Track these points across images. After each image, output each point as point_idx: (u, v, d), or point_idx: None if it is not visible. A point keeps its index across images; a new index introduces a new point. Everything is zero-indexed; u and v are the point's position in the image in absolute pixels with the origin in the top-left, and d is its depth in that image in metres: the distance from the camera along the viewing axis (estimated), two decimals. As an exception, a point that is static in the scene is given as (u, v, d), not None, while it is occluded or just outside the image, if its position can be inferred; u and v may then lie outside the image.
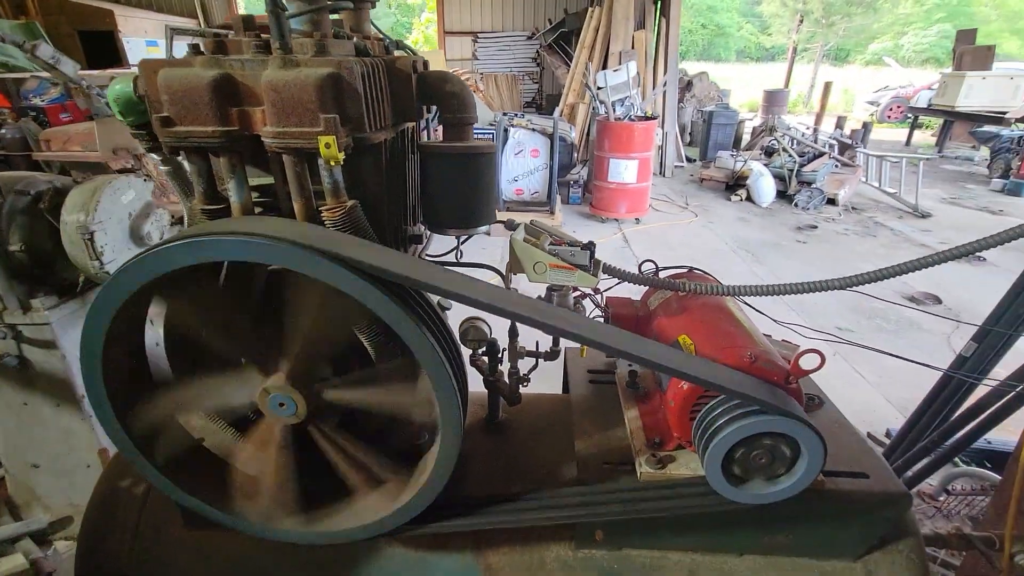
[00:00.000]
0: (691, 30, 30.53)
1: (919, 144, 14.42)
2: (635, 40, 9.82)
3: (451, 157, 1.10)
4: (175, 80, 0.84)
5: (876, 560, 1.23)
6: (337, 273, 0.81)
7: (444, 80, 1.07)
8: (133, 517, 1.39)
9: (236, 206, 0.95)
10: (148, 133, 1.18)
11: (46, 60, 2.19)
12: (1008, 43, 22.49)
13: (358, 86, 0.87)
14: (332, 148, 0.84)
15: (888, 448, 2.57)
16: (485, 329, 1.46)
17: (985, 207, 8.95)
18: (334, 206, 0.93)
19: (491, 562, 1.30)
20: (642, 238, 7.26)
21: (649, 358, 0.95)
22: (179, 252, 0.81)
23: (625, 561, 1.27)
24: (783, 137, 9.21)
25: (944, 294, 5.53)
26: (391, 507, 1.09)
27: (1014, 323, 1.79)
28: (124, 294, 0.84)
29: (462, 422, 0.96)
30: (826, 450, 0.99)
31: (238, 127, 0.88)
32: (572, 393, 1.54)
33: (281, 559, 1.34)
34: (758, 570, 1.25)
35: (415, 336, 0.86)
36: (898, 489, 1.17)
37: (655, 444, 1.22)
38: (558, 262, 1.12)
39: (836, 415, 1.43)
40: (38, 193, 2.15)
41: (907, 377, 3.90)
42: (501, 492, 1.25)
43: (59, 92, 6.36)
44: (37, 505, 2.61)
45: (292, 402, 0.99)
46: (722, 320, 1.24)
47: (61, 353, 2.28)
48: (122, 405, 0.99)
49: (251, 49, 0.89)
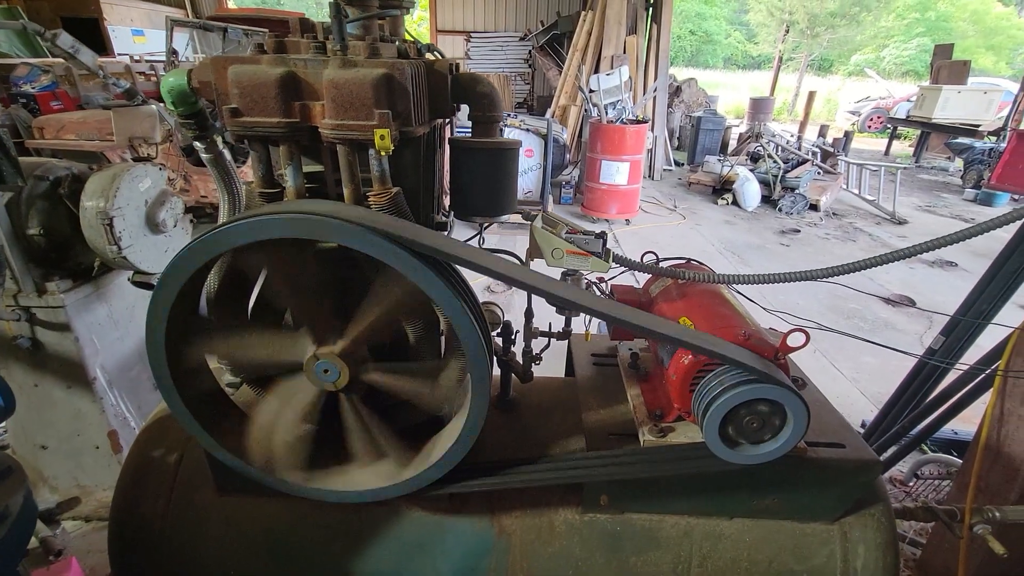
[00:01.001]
0: (680, 36, 30.96)
1: (897, 154, 14.89)
2: (627, 45, 10.02)
3: (482, 152, 1.22)
4: (245, 76, 0.95)
5: (851, 522, 1.38)
6: (396, 252, 0.91)
7: (476, 82, 1.18)
8: (167, 484, 1.47)
9: (291, 190, 1.05)
10: (196, 123, 1.28)
11: (66, 49, 2.24)
12: (983, 58, 23.27)
13: (408, 85, 0.98)
14: (386, 139, 0.95)
15: (863, 435, 2.74)
16: (499, 313, 1.58)
17: (958, 215, 9.32)
18: (380, 192, 1.04)
19: (504, 524, 1.41)
20: (632, 238, 7.44)
21: (667, 332, 1.07)
22: (274, 225, 0.89)
23: (627, 524, 1.40)
24: (768, 144, 9.49)
25: (918, 296, 5.79)
26: (419, 467, 1.19)
27: (979, 316, 1.96)
28: (209, 255, 0.93)
29: (489, 378, 1.07)
30: (810, 415, 1.13)
31: (299, 119, 0.99)
32: (577, 374, 1.66)
33: (307, 523, 1.44)
34: (746, 531, 1.39)
35: (455, 306, 0.97)
36: (870, 457, 1.31)
37: (656, 416, 1.35)
38: (574, 248, 1.24)
39: (818, 395, 1.57)
40: (57, 179, 2.21)
41: (881, 373, 4.12)
42: (515, 457, 1.37)
43: (50, 80, 6.29)
44: (44, 486, 2.65)
45: (336, 371, 1.09)
46: (718, 304, 1.37)
47: (74, 336, 2.33)
48: (176, 359, 1.07)
49: (310, 50, 1.00)
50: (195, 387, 1.16)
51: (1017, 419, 1.84)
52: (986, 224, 1.13)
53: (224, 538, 1.45)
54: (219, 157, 1.38)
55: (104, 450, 2.54)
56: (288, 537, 1.44)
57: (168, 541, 1.44)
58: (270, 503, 1.42)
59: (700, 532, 1.39)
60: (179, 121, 1.29)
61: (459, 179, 1.26)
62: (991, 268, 2.06)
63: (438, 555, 1.40)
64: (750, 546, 1.38)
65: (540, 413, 1.61)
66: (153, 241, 2.37)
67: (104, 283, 2.45)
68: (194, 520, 1.45)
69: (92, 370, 2.40)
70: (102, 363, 2.44)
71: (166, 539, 1.44)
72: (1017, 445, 1.84)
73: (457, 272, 1.06)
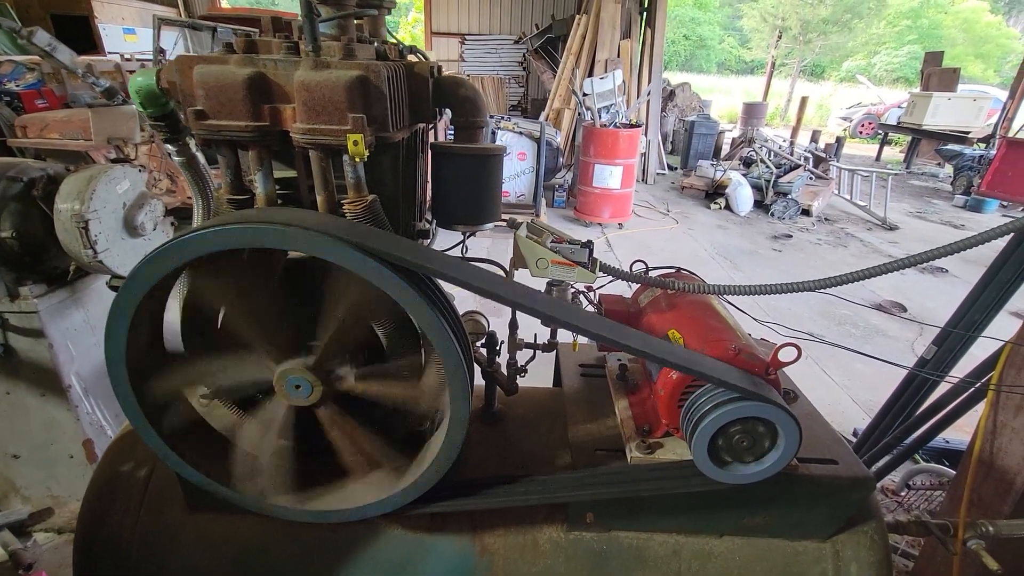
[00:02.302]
0: (674, 41, 31.13)
1: (888, 160, 15.01)
2: (621, 49, 10.03)
3: (464, 158, 1.17)
4: (211, 76, 0.90)
5: (843, 540, 1.34)
6: (368, 264, 0.86)
7: (459, 85, 1.14)
8: (135, 499, 1.41)
9: (261, 197, 1.00)
10: (167, 125, 1.23)
11: (42, 47, 2.18)
12: (972, 66, 23.57)
13: (384, 88, 0.94)
14: (359, 145, 0.90)
15: (855, 446, 2.72)
16: (483, 323, 1.53)
17: (948, 221, 9.40)
18: (356, 199, 0.99)
19: (487, 543, 1.37)
20: (625, 243, 7.42)
21: (649, 351, 1.03)
22: (231, 235, 0.84)
23: (613, 542, 1.35)
24: (761, 149, 9.52)
25: (909, 303, 5.81)
26: (399, 486, 1.14)
27: (970, 327, 1.94)
28: (165, 270, 0.88)
29: (470, 394, 1.02)
30: (801, 433, 1.09)
31: (269, 123, 0.94)
32: (564, 385, 1.62)
33: (282, 542, 1.38)
34: (736, 550, 1.35)
35: (433, 323, 0.93)
36: (863, 473, 1.28)
37: (644, 431, 1.31)
38: (559, 259, 1.20)
39: (809, 408, 1.54)
40: (31, 180, 2.14)
41: (873, 381, 4.11)
42: (498, 474, 1.32)
43: (36, 78, 6.19)
44: (16, 496, 2.57)
45: (308, 385, 1.04)
46: (708, 316, 1.34)
47: (48, 342, 2.26)
48: (138, 376, 1.02)
49: (281, 50, 0.95)
50: (162, 411, 1.11)
51: (1011, 432, 1.81)
52: (979, 236, 1.10)
53: (195, 556, 1.39)
54: (192, 160, 1.33)
55: (79, 459, 2.47)
56: (262, 556, 1.38)
57: (136, 558, 1.38)
58: (243, 520, 1.37)
59: (689, 550, 1.35)
60: (150, 123, 1.24)
61: (441, 186, 1.21)
62: (983, 278, 2.04)
63: (419, 575, 1.35)
64: (740, 565, 1.34)
65: (525, 426, 1.57)
66: (131, 245, 2.30)
67: (80, 288, 2.38)
68: (164, 537, 1.39)
69: (67, 377, 2.32)
70: (77, 370, 2.37)
71: (134, 556, 1.38)
72: (1010, 458, 1.82)
73: (433, 283, 1.01)
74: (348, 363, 1.11)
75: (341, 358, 1.07)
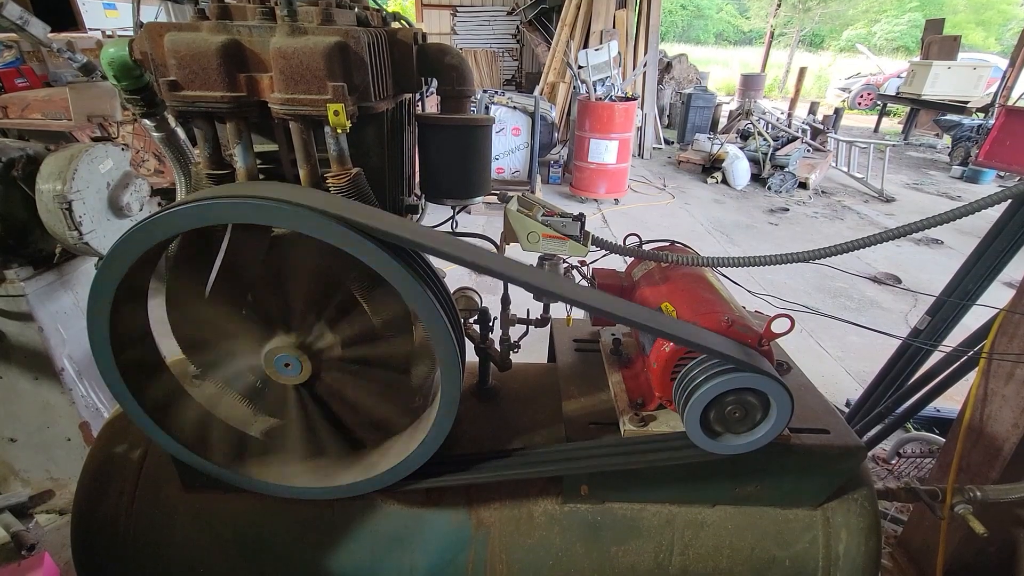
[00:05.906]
0: (671, 11, 30.39)
1: (887, 131, 14.87)
2: (616, 19, 9.79)
3: (450, 129, 1.14)
4: (183, 44, 0.86)
5: (833, 507, 1.36)
6: (352, 238, 0.84)
7: (444, 53, 1.09)
8: (130, 481, 1.41)
9: (241, 171, 0.97)
10: (143, 99, 1.18)
11: (13, 20, 2.10)
12: (973, 34, 23.14)
13: (364, 56, 0.90)
14: (340, 116, 0.87)
15: (848, 415, 2.75)
16: (476, 299, 1.51)
17: (945, 193, 9.36)
18: (339, 173, 0.96)
19: (483, 517, 1.38)
20: (621, 218, 7.37)
21: (642, 321, 1.02)
22: (206, 211, 0.82)
23: (608, 513, 1.37)
24: (758, 121, 9.39)
25: (904, 275, 5.82)
26: (394, 460, 1.14)
27: (964, 296, 1.94)
28: (141, 249, 0.85)
29: (461, 370, 1.01)
30: (793, 404, 1.09)
31: (246, 93, 0.90)
32: (559, 361, 1.62)
33: (279, 518, 1.39)
34: (728, 518, 1.37)
35: (422, 299, 0.91)
36: (855, 443, 1.28)
37: (638, 404, 1.31)
38: (550, 232, 1.18)
39: (802, 379, 1.54)
40: (9, 160, 2.08)
41: (866, 352, 4.14)
42: (494, 449, 1.33)
43: (14, 56, 6.00)
44: (15, 480, 2.59)
45: (297, 361, 1.03)
46: (701, 289, 1.32)
47: (38, 325, 2.24)
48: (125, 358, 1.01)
49: (256, 15, 0.91)
50: (149, 386, 1.10)
51: (1000, 399, 1.83)
52: (974, 204, 1.08)
53: (191, 535, 1.40)
54: (171, 135, 1.28)
55: (76, 442, 2.47)
56: (259, 532, 1.40)
57: (133, 539, 1.39)
58: (239, 498, 1.37)
59: (682, 520, 1.37)
60: (124, 97, 1.19)
61: (428, 159, 1.18)
62: (978, 248, 2.03)
63: (415, 549, 1.37)
64: (732, 533, 1.36)
65: (520, 402, 1.57)
66: (118, 226, 2.26)
67: (68, 270, 2.35)
68: (160, 517, 1.40)
69: (59, 361, 2.31)
70: (69, 353, 2.35)
71: (131, 537, 1.39)
72: (1000, 425, 1.84)
73: (422, 258, 0.99)
74: (333, 333, 1.09)
75: (323, 329, 1.05)
